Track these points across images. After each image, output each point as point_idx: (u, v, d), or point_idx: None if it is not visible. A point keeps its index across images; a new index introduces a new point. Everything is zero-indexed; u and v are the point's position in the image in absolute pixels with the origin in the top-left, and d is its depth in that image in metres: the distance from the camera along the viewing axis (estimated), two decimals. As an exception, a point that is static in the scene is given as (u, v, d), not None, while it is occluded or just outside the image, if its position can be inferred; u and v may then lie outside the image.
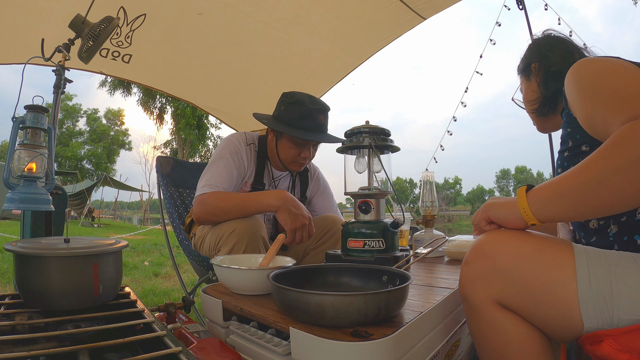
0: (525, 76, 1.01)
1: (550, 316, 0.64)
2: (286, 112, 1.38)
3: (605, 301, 0.60)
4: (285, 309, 0.68)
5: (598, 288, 0.60)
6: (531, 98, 1.00)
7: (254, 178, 1.45)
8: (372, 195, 1.09)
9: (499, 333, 0.69)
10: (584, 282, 0.61)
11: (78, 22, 1.21)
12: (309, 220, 1.23)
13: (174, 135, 18.14)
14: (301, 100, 1.36)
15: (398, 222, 1.09)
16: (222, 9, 2.05)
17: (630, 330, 0.58)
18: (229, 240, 1.20)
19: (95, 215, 14.98)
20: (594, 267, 0.62)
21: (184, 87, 2.70)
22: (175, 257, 1.92)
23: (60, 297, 0.64)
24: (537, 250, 0.66)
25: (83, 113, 31.48)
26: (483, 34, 41.48)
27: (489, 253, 0.69)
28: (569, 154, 0.77)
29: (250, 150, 1.45)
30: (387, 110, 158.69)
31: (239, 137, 1.45)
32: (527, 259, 0.66)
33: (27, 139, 0.86)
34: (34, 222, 1.06)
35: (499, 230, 0.71)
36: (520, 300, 0.66)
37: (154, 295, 2.57)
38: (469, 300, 0.72)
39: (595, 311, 0.60)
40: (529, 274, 0.65)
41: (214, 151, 1.42)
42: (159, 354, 0.49)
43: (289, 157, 1.41)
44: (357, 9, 2.13)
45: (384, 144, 1.10)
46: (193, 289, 1.00)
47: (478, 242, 0.72)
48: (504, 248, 0.68)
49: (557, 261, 0.64)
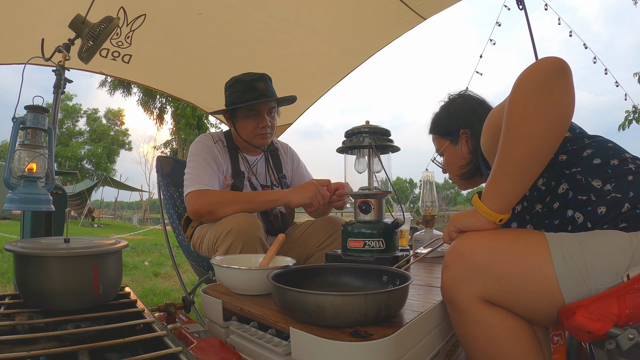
0: (450, 140, 1.04)
1: (534, 301, 0.67)
2: (230, 94, 1.48)
3: (581, 275, 0.63)
4: (285, 309, 0.68)
5: (573, 264, 0.63)
6: (460, 163, 1.03)
7: (232, 170, 1.51)
8: (372, 195, 1.09)
9: (486, 330, 0.70)
10: (559, 261, 0.64)
11: (78, 22, 1.21)
12: (315, 183, 1.33)
13: (174, 135, 18.14)
14: (238, 79, 1.48)
15: (398, 222, 1.09)
16: (222, 9, 2.05)
17: (599, 298, 0.61)
18: (225, 239, 1.21)
19: (95, 215, 14.98)
20: (566, 246, 0.65)
21: (184, 87, 2.70)
22: (175, 257, 1.92)
23: (60, 297, 0.64)
24: (510, 242, 0.69)
25: (83, 113, 31.46)
26: (483, 34, 41.36)
27: (466, 253, 0.71)
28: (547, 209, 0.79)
29: (220, 146, 1.52)
30: (387, 111, 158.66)
31: (205, 137, 1.53)
32: (503, 251, 0.68)
33: (27, 139, 0.86)
34: (34, 222, 1.06)
35: (471, 232, 0.74)
36: (503, 292, 0.68)
37: (154, 295, 2.57)
38: (453, 302, 0.73)
39: (573, 286, 0.63)
40: (507, 265, 0.67)
41: (188, 156, 1.48)
42: (159, 354, 0.49)
43: (248, 132, 1.48)
44: (357, 9, 2.13)
45: (384, 144, 1.10)
46: (193, 289, 1.00)
47: (454, 246, 0.74)
48: (479, 246, 0.70)
49: (532, 248, 0.67)
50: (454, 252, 0.73)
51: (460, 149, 1.03)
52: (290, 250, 1.53)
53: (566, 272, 0.63)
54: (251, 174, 1.55)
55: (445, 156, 1.07)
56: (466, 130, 1.01)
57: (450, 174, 1.09)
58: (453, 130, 1.03)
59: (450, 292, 0.73)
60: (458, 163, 1.04)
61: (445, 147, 1.06)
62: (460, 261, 0.71)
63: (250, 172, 1.55)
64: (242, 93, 1.44)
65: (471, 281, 0.70)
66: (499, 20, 3.03)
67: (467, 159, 1.02)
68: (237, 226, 1.20)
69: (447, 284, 0.73)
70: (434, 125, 1.10)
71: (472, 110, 1.02)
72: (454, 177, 1.08)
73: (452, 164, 1.06)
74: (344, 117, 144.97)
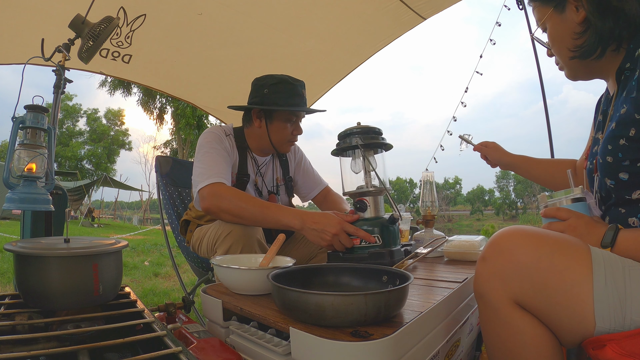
0: (554, 7, 0.80)
1: (564, 317, 0.64)
2: (273, 93, 1.35)
3: (619, 301, 0.59)
4: (285, 309, 0.68)
5: (613, 288, 0.60)
6: (574, 31, 0.78)
7: (238, 169, 1.43)
8: (368, 193, 1.10)
9: (514, 334, 0.67)
10: (600, 282, 0.61)
11: (78, 22, 1.21)
12: (338, 228, 1.06)
13: (174, 135, 18.15)
14: (282, 79, 1.37)
15: (394, 218, 1.09)
16: (222, 9, 2.05)
17: (633, 334, 0.58)
18: (225, 241, 1.20)
19: (95, 215, 14.98)
20: (610, 267, 0.62)
21: (184, 87, 2.70)
22: (175, 257, 1.92)
23: (60, 297, 0.64)
24: (554, 250, 0.65)
25: (83, 113, 31.48)
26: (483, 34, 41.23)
27: (507, 250, 0.68)
28: (628, 145, 0.67)
29: (231, 140, 1.44)
30: (388, 111, 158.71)
31: (217, 129, 1.43)
32: (544, 258, 0.65)
33: (27, 139, 0.86)
34: (34, 222, 1.06)
35: (516, 227, 0.70)
36: (536, 300, 0.65)
37: (154, 295, 2.57)
38: (485, 298, 0.70)
39: (609, 312, 0.60)
40: (546, 273, 0.64)
41: (198, 146, 1.37)
42: (159, 354, 0.49)
43: (283, 137, 1.41)
44: (357, 9, 2.13)
45: (374, 142, 1.10)
46: (193, 289, 1.00)
47: (495, 238, 0.70)
48: (522, 246, 0.67)
49: (574, 262, 0.63)
50: (495, 246, 0.69)
51: (568, 16, 0.78)
52: (292, 251, 1.52)
53: (605, 295, 0.60)
54: (258, 176, 1.50)
55: (550, 29, 0.83)
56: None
57: (559, 53, 0.84)
58: None
59: (483, 287, 0.70)
60: (569, 33, 0.79)
61: (549, 15, 0.82)
62: (499, 256, 0.68)
63: (258, 175, 1.50)
64: (288, 96, 1.35)
65: (507, 280, 0.67)
66: (499, 20, 3.03)
67: (581, 28, 0.77)
68: (236, 228, 1.20)
69: (481, 278, 0.70)
70: None
71: None
72: (565, 55, 0.82)
73: (560, 36, 0.81)
74: (344, 117, 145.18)
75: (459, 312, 0.85)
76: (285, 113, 1.38)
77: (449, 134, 3.47)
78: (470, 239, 1.31)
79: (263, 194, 1.49)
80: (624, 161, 0.68)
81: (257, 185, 1.49)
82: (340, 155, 1.19)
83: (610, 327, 0.60)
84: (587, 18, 0.75)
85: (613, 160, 0.70)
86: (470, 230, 29.12)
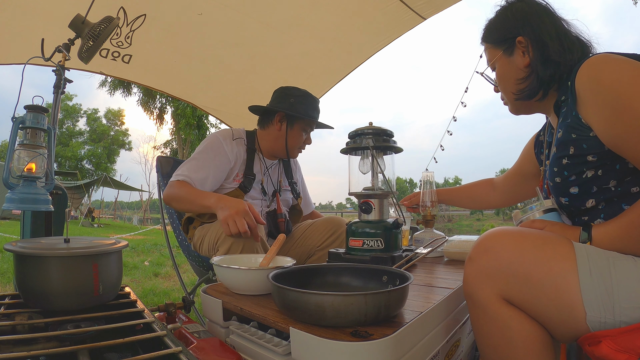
0: (503, 50, 0.88)
1: (553, 309, 0.65)
2: (299, 104, 1.53)
3: (606, 291, 0.61)
4: (285, 309, 0.68)
5: (599, 278, 0.62)
6: (517, 76, 0.86)
7: (245, 169, 1.53)
8: (374, 196, 1.09)
9: (502, 330, 0.69)
10: (585, 272, 0.63)
11: (78, 22, 1.21)
12: (239, 210, 1.18)
13: (174, 135, 18.15)
14: (308, 94, 1.57)
15: (399, 223, 1.09)
16: (222, 9, 2.05)
17: (628, 330, 0.59)
18: (226, 240, 1.21)
19: (95, 215, 14.98)
20: (594, 259, 0.64)
21: (184, 87, 2.70)
22: (175, 257, 1.92)
23: (60, 297, 0.64)
24: (537, 245, 0.68)
25: (83, 113, 31.49)
26: (483, 34, 40.65)
27: (492, 249, 0.70)
28: (570, 162, 0.75)
29: (240, 144, 1.54)
30: (388, 111, 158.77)
31: (224, 133, 1.55)
32: (528, 252, 0.67)
33: (27, 139, 0.86)
34: (34, 222, 1.06)
35: (500, 227, 0.73)
36: (523, 294, 0.67)
37: (154, 295, 2.57)
38: (473, 297, 0.72)
39: (597, 300, 0.61)
40: (530, 266, 0.66)
41: (198, 146, 1.52)
42: (159, 354, 0.49)
43: (297, 143, 1.57)
44: (357, 9, 2.13)
45: (386, 145, 1.10)
46: (193, 289, 1.00)
47: (480, 239, 0.73)
48: (506, 243, 0.70)
49: (558, 254, 0.66)
50: (481, 246, 0.72)
51: (517, 60, 0.86)
52: (290, 250, 1.53)
53: (591, 285, 0.62)
54: (266, 176, 1.59)
55: (498, 69, 0.91)
56: (525, 39, 0.84)
57: (504, 91, 0.92)
58: (508, 37, 0.86)
59: (472, 287, 0.72)
60: (514, 76, 0.87)
61: (498, 57, 0.89)
62: (484, 256, 0.70)
63: (266, 174, 1.59)
64: (310, 109, 1.55)
65: (493, 277, 0.69)
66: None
67: (525, 72, 0.85)
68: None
69: (469, 278, 0.72)
70: (485, 32, 0.94)
71: (534, 14, 0.85)
72: (509, 95, 0.90)
73: (506, 77, 0.89)
74: (344, 117, 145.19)
75: (459, 312, 0.85)
76: (305, 122, 1.55)
77: (449, 134, 3.46)
78: (470, 239, 1.31)
79: (268, 192, 1.57)
80: (570, 177, 0.75)
81: (262, 184, 1.56)
82: (349, 153, 1.19)
83: (600, 316, 0.61)
84: (532, 64, 0.84)
85: (561, 179, 0.77)
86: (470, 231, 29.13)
